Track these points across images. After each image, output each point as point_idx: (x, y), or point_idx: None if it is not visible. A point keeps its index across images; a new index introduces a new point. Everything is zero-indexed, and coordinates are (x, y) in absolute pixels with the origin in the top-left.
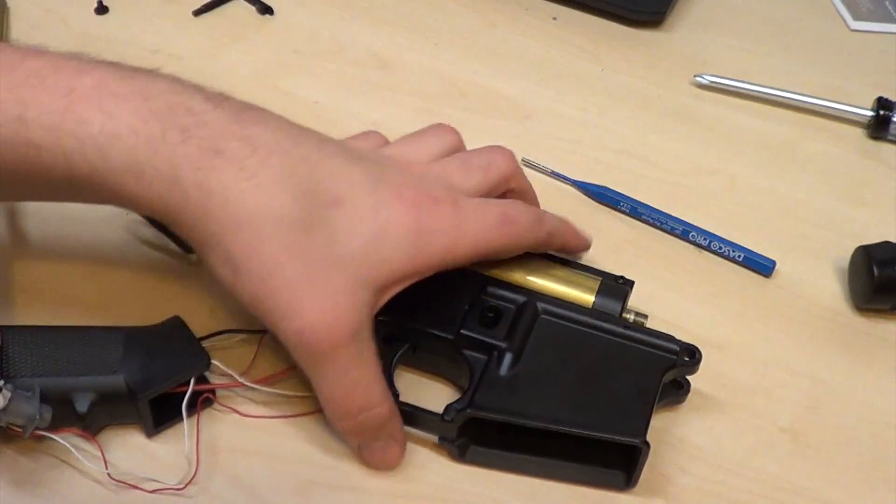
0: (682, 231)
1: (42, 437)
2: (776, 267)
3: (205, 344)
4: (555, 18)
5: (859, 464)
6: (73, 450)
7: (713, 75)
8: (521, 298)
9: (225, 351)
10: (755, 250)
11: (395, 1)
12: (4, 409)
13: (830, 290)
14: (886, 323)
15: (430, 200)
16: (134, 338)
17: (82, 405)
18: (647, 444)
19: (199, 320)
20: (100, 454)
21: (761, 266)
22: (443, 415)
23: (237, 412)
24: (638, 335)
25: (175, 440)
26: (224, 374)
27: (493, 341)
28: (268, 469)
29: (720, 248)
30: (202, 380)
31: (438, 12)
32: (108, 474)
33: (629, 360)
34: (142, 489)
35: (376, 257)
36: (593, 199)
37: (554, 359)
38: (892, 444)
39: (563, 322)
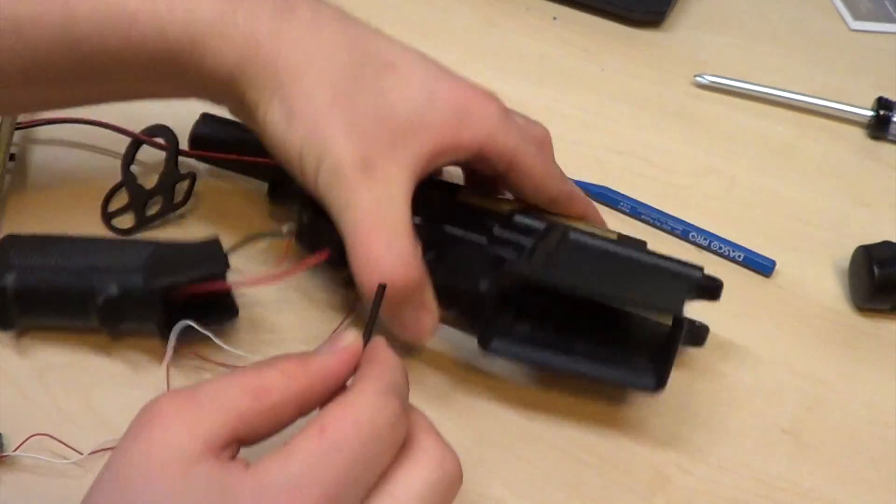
0: (682, 231)
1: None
2: (776, 267)
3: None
4: (555, 18)
5: (859, 464)
6: (40, 457)
7: (713, 75)
8: (548, 222)
9: None
10: (755, 250)
11: (396, 1)
12: None
13: (830, 290)
14: (886, 323)
15: (483, 92)
16: (164, 247)
17: (107, 292)
18: (688, 321)
19: None
20: (65, 446)
21: (761, 266)
22: (476, 284)
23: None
24: (663, 259)
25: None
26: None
27: (526, 244)
28: None
29: (720, 248)
30: (218, 278)
31: (438, 12)
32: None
33: (657, 278)
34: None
35: (420, 121)
36: (593, 199)
37: (586, 268)
38: (892, 444)
39: (591, 240)
